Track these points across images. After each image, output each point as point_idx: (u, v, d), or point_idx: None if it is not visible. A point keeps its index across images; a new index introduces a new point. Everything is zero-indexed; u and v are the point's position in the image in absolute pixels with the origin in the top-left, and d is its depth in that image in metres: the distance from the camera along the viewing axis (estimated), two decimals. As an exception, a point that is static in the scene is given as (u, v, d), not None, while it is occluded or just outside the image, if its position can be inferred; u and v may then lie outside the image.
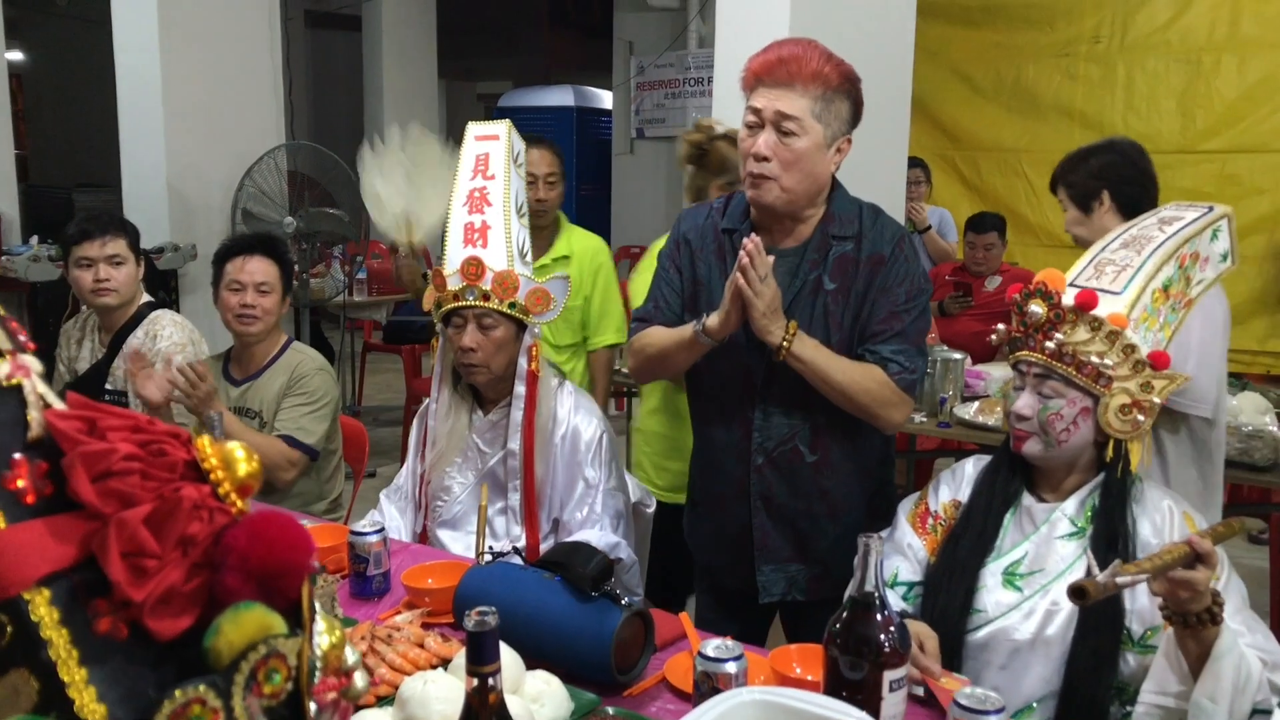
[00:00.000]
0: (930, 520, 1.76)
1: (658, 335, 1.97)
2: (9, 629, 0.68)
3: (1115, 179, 2.38)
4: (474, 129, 2.17)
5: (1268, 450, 2.54)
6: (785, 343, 1.79)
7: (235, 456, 0.79)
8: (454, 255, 2.07)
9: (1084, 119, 6.31)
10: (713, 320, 1.82)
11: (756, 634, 2.09)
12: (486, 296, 2.04)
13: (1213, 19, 5.87)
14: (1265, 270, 5.62)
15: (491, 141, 2.12)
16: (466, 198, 2.10)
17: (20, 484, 0.71)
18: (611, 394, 4.56)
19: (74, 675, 0.68)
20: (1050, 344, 1.59)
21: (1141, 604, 1.53)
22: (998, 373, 3.25)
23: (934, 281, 4.83)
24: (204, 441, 0.80)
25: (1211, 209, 1.68)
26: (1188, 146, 6.02)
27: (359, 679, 0.80)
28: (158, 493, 0.74)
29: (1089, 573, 1.35)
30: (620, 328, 3.13)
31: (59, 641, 0.68)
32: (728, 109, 3.29)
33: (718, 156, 2.51)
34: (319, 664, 0.76)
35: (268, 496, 2.55)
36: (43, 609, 0.69)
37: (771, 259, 1.77)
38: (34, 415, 0.74)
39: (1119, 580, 1.31)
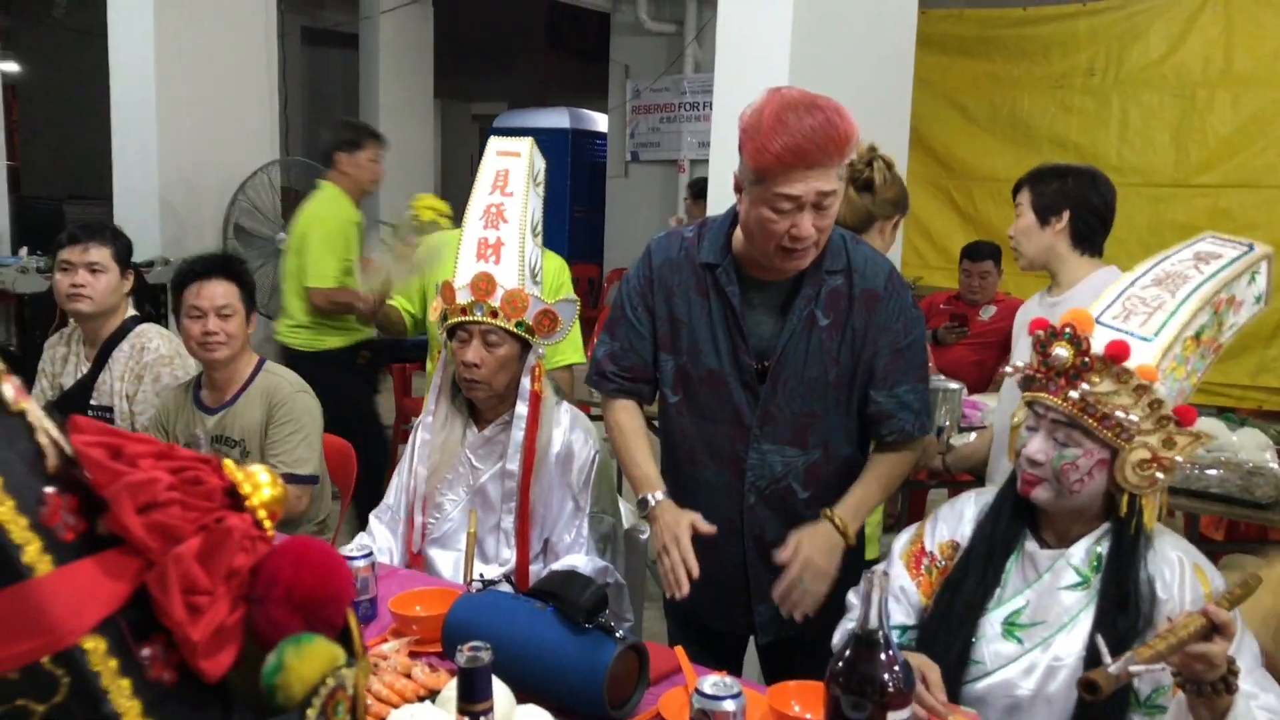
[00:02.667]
0: (926, 561, 1.69)
1: (619, 436, 1.98)
2: (64, 682, 0.61)
3: (1082, 205, 2.36)
4: (496, 144, 2.15)
5: (1269, 487, 2.52)
6: (846, 539, 1.83)
7: (260, 480, 0.75)
8: (465, 269, 2.05)
9: (1078, 150, 6.34)
10: (656, 524, 1.83)
11: (733, 664, 2.05)
12: (494, 313, 2.02)
13: (1207, 55, 5.91)
14: (1257, 305, 5.63)
15: (513, 158, 2.11)
16: (483, 212, 2.08)
17: (59, 520, 0.65)
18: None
19: None
20: (1074, 393, 1.49)
21: None
22: (994, 403, 3.22)
23: (929, 311, 4.81)
24: (230, 465, 0.75)
25: (1252, 248, 1.57)
26: (1181, 180, 6.05)
27: None
28: (198, 524, 0.69)
29: (1099, 659, 1.29)
30: (578, 347, 3.11)
31: (120, 693, 0.62)
32: (726, 135, 3.28)
33: (894, 193, 2.43)
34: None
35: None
36: (100, 658, 0.62)
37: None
38: (45, 443, 0.68)
39: (1132, 669, 1.25)
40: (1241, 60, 5.82)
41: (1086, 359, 1.49)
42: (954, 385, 3.08)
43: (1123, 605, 1.48)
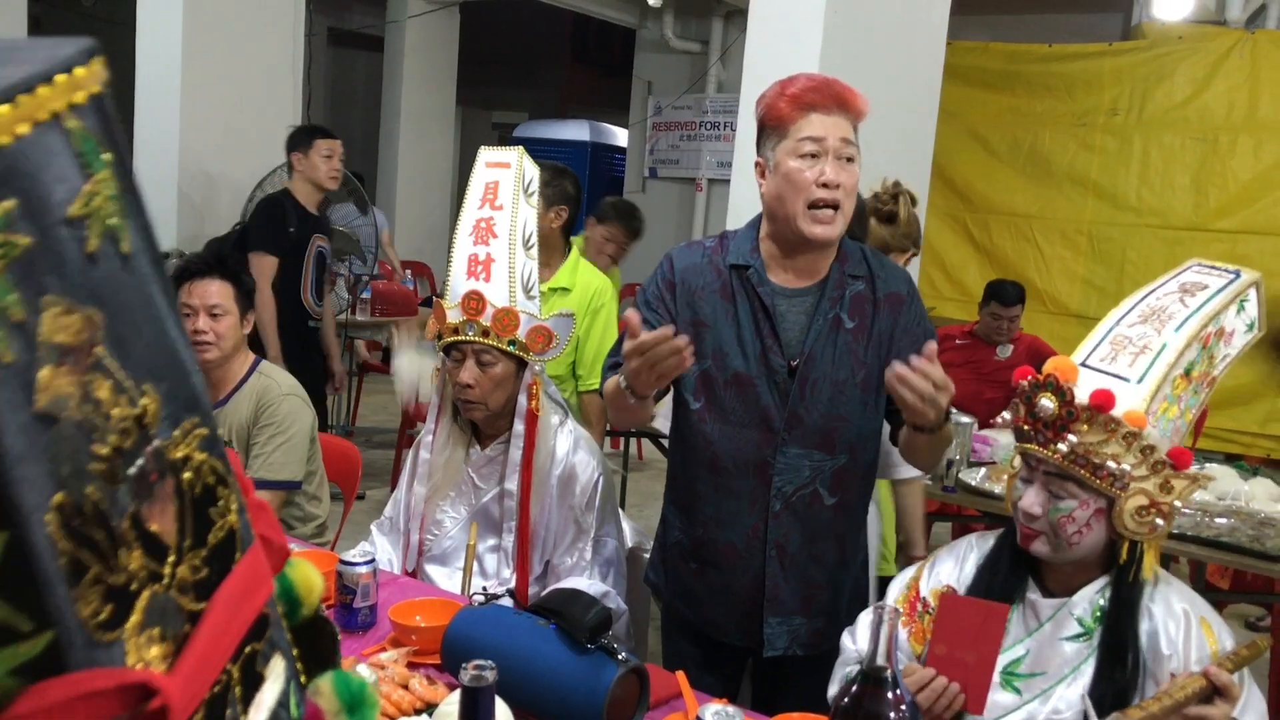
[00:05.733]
0: (920, 606, 1.66)
1: (608, 387, 1.87)
2: (271, 619, 0.67)
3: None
4: (485, 155, 2.10)
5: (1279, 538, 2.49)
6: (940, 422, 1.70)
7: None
8: (456, 287, 2.01)
9: (1097, 189, 6.33)
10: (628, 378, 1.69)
11: (732, 682, 2.03)
12: (486, 332, 1.98)
13: (1231, 100, 5.91)
14: (1271, 352, 5.60)
15: (502, 169, 2.05)
16: (472, 228, 2.03)
17: None
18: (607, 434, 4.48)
19: None
20: (1063, 446, 1.46)
21: None
22: (1005, 439, 3.20)
23: (943, 344, 4.77)
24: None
25: (1238, 275, 1.55)
26: (1200, 224, 6.03)
27: None
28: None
29: (1099, 713, 1.27)
30: None
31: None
32: (749, 156, 3.27)
33: (912, 229, 2.54)
34: None
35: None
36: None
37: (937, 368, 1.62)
38: None
39: None
40: (1265, 106, 5.82)
41: (1072, 409, 1.45)
42: (965, 419, 3.06)
43: (1120, 657, 1.45)
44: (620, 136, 9.58)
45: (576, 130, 9.72)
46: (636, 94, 8.58)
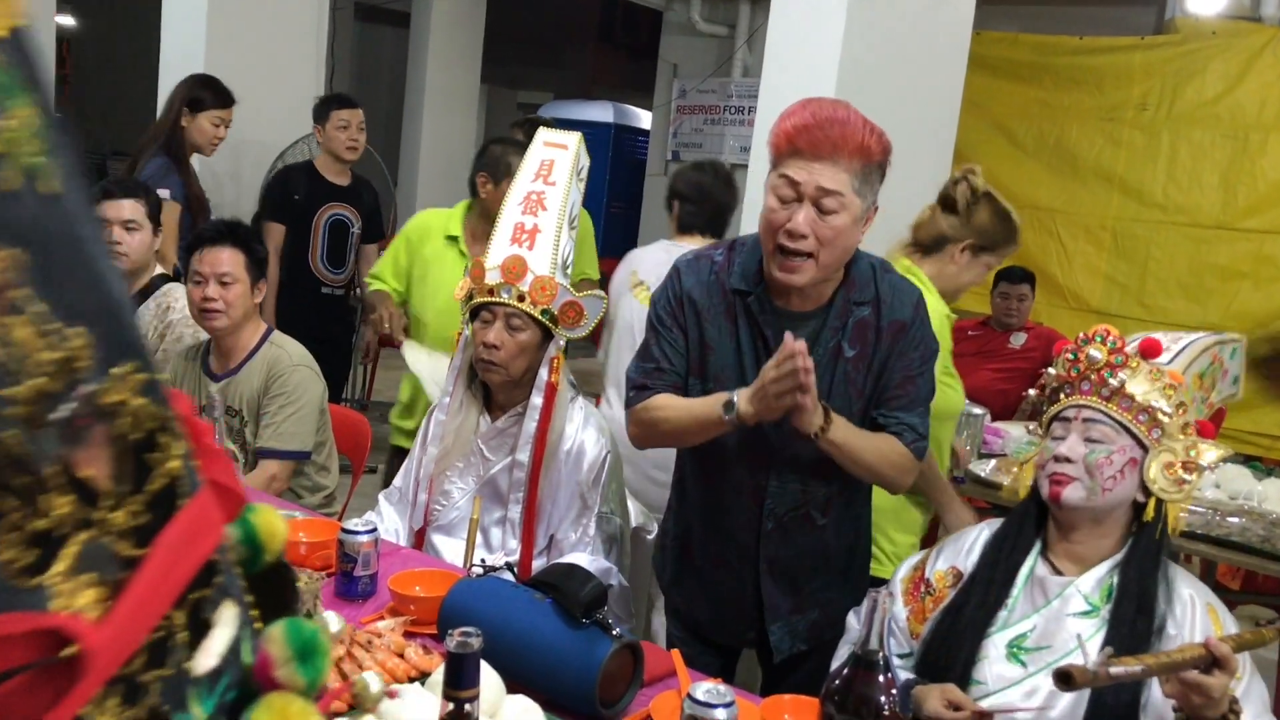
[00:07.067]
0: (922, 588, 1.69)
1: (673, 411, 1.81)
2: (220, 565, 0.64)
3: (682, 193, 2.76)
4: (545, 134, 2.16)
5: (1291, 540, 2.47)
6: (822, 429, 1.69)
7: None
8: (498, 251, 2.06)
9: (1124, 185, 6.25)
10: (747, 408, 1.68)
11: (727, 669, 2.04)
12: (522, 297, 2.02)
13: (1263, 98, 5.81)
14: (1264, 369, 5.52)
15: (559, 150, 2.12)
16: (523, 198, 2.09)
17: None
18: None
19: None
20: (1115, 381, 1.54)
21: (1155, 697, 1.45)
22: (1016, 431, 3.19)
23: (956, 336, 4.75)
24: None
25: (1224, 335, 1.70)
26: (1227, 223, 5.95)
27: None
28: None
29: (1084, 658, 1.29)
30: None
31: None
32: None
33: (979, 221, 2.39)
34: None
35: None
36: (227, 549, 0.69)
37: (803, 344, 1.62)
38: None
39: (1112, 671, 1.24)
40: (1298, 106, 5.72)
41: (1121, 355, 1.55)
42: (977, 410, 3.05)
43: (1142, 610, 1.49)
44: (644, 119, 9.54)
45: (600, 112, 9.68)
46: (662, 76, 8.53)
